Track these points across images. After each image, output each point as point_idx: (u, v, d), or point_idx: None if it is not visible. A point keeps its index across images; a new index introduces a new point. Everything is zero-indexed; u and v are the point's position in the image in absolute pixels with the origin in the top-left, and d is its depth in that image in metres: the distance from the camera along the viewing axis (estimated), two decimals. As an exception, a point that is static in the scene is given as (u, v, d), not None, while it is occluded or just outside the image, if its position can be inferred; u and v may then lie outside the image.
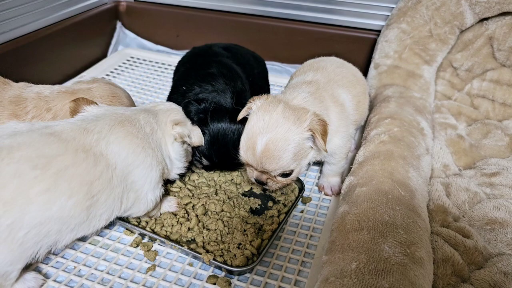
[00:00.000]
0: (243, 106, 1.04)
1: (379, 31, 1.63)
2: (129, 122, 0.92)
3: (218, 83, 1.13)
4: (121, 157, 0.86)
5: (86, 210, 0.82)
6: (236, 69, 1.25)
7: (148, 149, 0.91)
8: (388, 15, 1.61)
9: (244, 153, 0.99)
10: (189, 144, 1.05)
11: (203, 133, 1.06)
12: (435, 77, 1.53)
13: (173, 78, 1.40)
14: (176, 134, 0.99)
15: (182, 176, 1.10)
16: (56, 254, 0.95)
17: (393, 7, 1.60)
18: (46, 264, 0.92)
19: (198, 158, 1.12)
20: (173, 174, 1.03)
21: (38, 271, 0.90)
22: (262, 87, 1.41)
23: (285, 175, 0.99)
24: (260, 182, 1.02)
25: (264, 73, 1.45)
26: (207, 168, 1.15)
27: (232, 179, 1.16)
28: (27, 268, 0.84)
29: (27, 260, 0.79)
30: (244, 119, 1.02)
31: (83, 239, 0.98)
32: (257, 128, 0.95)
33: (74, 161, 0.80)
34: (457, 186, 1.15)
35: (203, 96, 1.11)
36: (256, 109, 0.98)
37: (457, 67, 1.52)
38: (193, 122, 1.06)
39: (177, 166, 1.03)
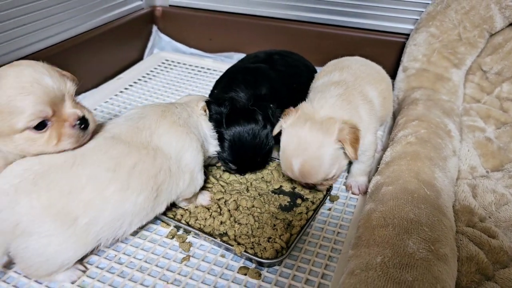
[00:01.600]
0: (259, 108, 1.11)
1: (408, 34, 1.65)
2: (169, 113, 1.00)
3: (238, 87, 1.18)
4: (173, 146, 0.95)
5: (153, 201, 0.90)
6: (270, 75, 1.28)
7: (191, 134, 1.00)
8: (417, 19, 1.63)
9: (285, 172, 1.06)
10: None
11: (222, 138, 1.11)
12: (464, 80, 1.54)
13: None
14: (202, 108, 1.08)
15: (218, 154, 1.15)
16: (98, 243, 1.02)
17: (422, 11, 1.62)
18: (90, 251, 0.99)
19: (226, 164, 1.17)
20: (212, 151, 1.10)
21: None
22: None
23: (328, 179, 1.04)
24: (309, 187, 1.10)
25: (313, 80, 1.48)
26: (238, 172, 1.20)
27: (263, 177, 1.21)
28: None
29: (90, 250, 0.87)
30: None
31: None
32: (290, 150, 1.01)
33: (139, 158, 0.88)
34: (484, 187, 1.17)
35: (222, 97, 1.17)
36: (286, 127, 1.03)
37: (487, 71, 1.53)
38: (211, 120, 1.11)
39: (212, 143, 1.10)
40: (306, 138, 0.98)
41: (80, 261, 0.94)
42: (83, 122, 0.84)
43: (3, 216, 0.78)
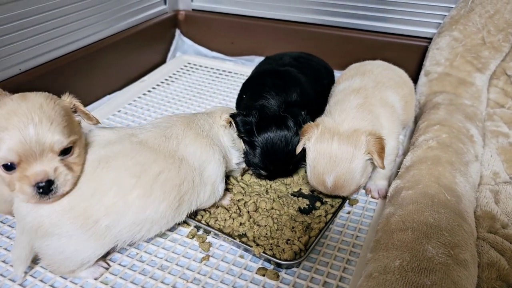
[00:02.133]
0: (291, 115, 1.11)
1: (431, 38, 1.64)
2: (193, 124, 1.02)
3: (269, 94, 1.17)
4: (196, 157, 0.96)
5: (174, 210, 0.92)
6: (299, 78, 1.28)
7: (214, 146, 1.01)
8: (440, 23, 1.62)
9: (315, 186, 1.07)
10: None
11: (253, 145, 1.11)
12: (487, 85, 1.52)
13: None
14: (224, 121, 1.09)
15: (239, 165, 1.16)
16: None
17: (445, 15, 1.61)
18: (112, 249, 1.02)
19: (255, 171, 1.17)
20: (233, 164, 1.12)
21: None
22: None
23: (358, 188, 1.06)
24: (336, 196, 1.12)
25: (333, 82, 1.49)
26: (268, 178, 1.20)
27: (282, 180, 1.22)
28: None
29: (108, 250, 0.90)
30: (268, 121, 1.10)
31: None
32: (321, 166, 1.01)
33: (165, 167, 0.89)
34: (507, 193, 1.15)
35: (252, 105, 1.16)
36: (312, 144, 1.03)
37: (511, 75, 1.50)
38: (240, 133, 1.11)
39: (234, 155, 1.11)
40: (336, 153, 0.98)
41: (103, 258, 0.97)
42: (45, 187, 0.77)
43: (29, 218, 0.82)
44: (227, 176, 1.16)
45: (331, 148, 0.99)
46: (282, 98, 1.17)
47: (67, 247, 0.83)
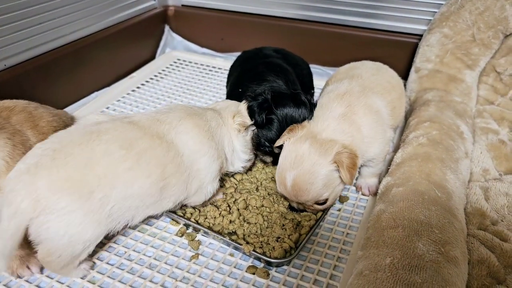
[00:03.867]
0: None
1: (421, 35, 1.64)
2: (197, 116, 1.02)
3: (270, 77, 1.19)
4: (188, 146, 0.96)
5: (159, 191, 0.91)
6: (287, 67, 1.31)
7: (212, 141, 1.00)
8: (430, 20, 1.62)
9: (278, 188, 1.05)
10: (253, 130, 1.13)
11: (271, 121, 1.10)
12: (477, 81, 1.52)
13: (227, 82, 1.47)
14: (238, 125, 1.08)
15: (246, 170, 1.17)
16: (108, 239, 1.03)
17: (435, 12, 1.61)
18: (100, 248, 1.01)
19: (267, 149, 1.15)
20: (237, 167, 1.12)
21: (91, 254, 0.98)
22: (310, 87, 1.47)
23: (320, 203, 1.03)
24: (300, 210, 1.08)
25: (310, 74, 1.51)
26: (276, 160, 1.15)
27: (273, 177, 1.21)
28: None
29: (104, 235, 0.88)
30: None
31: (133, 227, 1.06)
32: (286, 164, 1.00)
33: (151, 145, 0.90)
34: (497, 190, 1.15)
35: (259, 91, 1.16)
36: (287, 144, 1.02)
37: (501, 72, 1.51)
38: (259, 116, 1.10)
39: (242, 158, 1.11)
40: (303, 154, 0.98)
41: (90, 257, 0.95)
42: None
43: (25, 193, 0.79)
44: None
45: (301, 149, 0.98)
46: (284, 78, 1.19)
47: (68, 226, 0.81)
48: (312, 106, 1.13)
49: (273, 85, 1.17)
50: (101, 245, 1.01)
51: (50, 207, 0.79)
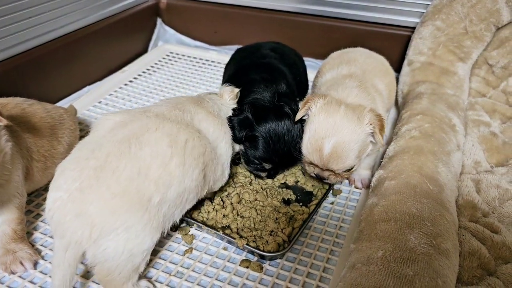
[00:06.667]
0: (286, 104, 1.10)
1: (414, 28, 1.64)
2: (203, 103, 1.02)
3: (259, 87, 1.15)
4: (210, 132, 0.96)
5: (203, 179, 0.90)
6: (283, 70, 1.26)
7: (224, 126, 1.01)
8: (423, 12, 1.62)
9: (309, 154, 1.02)
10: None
11: (255, 138, 1.08)
12: (469, 74, 1.53)
13: (223, 78, 1.44)
14: (232, 99, 1.10)
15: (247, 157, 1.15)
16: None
17: (428, 4, 1.61)
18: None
19: (258, 166, 1.13)
20: (237, 146, 1.12)
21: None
22: (306, 84, 1.46)
23: (347, 170, 1.04)
24: (321, 178, 1.07)
25: (305, 70, 1.49)
26: (270, 174, 1.16)
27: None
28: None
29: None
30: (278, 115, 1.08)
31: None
32: (322, 130, 0.99)
33: (189, 135, 0.87)
34: (488, 182, 1.16)
35: (243, 101, 1.14)
36: (316, 111, 1.01)
37: (493, 64, 1.51)
38: (239, 132, 1.07)
39: None
40: (341, 121, 0.97)
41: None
42: None
43: (77, 224, 0.74)
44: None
45: (337, 115, 0.98)
46: (273, 90, 1.16)
47: (127, 242, 0.77)
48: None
49: (257, 98, 1.13)
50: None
51: (107, 229, 0.75)
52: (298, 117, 1.06)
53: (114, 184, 0.76)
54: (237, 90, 1.12)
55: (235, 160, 1.16)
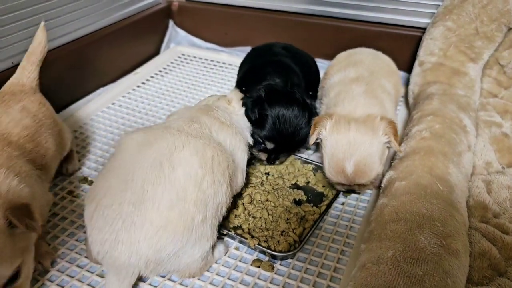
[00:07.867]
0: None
1: (424, 28, 1.64)
2: (212, 112, 1.03)
3: (273, 76, 1.21)
4: (227, 144, 0.98)
5: (230, 191, 0.93)
6: (294, 68, 1.31)
7: (238, 134, 1.03)
8: (434, 13, 1.62)
9: (334, 177, 1.05)
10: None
11: (265, 117, 1.12)
12: (481, 74, 1.52)
13: (237, 78, 1.49)
14: (238, 104, 1.12)
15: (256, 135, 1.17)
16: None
17: (439, 5, 1.61)
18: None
19: (261, 146, 1.16)
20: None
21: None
22: (317, 85, 1.48)
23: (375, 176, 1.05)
24: (351, 191, 1.11)
25: (318, 71, 1.52)
26: (270, 158, 1.18)
27: (280, 172, 1.23)
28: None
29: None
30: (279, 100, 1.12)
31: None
32: (339, 152, 1.01)
33: (214, 150, 0.88)
34: (499, 183, 1.16)
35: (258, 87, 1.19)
36: (327, 133, 1.03)
37: (504, 65, 1.51)
38: (251, 112, 1.12)
39: (248, 137, 1.13)
40: (355, 138, 0.99)
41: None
42: None
43: (133, 261, 0.79)
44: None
45: (349, 134, 0.99)
46: (286, 79, 1.20)
47: (184, 259, 0.84)
48: (306, 106, 1.15)
49: (271, 83, 1.19)
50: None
51: (161, 262, 0.81)
52: (311, 142, 1.08)
53: (157, 218, 0.78)
54: (241, 95, 1.15)
55: (249, 161, 1.18)
